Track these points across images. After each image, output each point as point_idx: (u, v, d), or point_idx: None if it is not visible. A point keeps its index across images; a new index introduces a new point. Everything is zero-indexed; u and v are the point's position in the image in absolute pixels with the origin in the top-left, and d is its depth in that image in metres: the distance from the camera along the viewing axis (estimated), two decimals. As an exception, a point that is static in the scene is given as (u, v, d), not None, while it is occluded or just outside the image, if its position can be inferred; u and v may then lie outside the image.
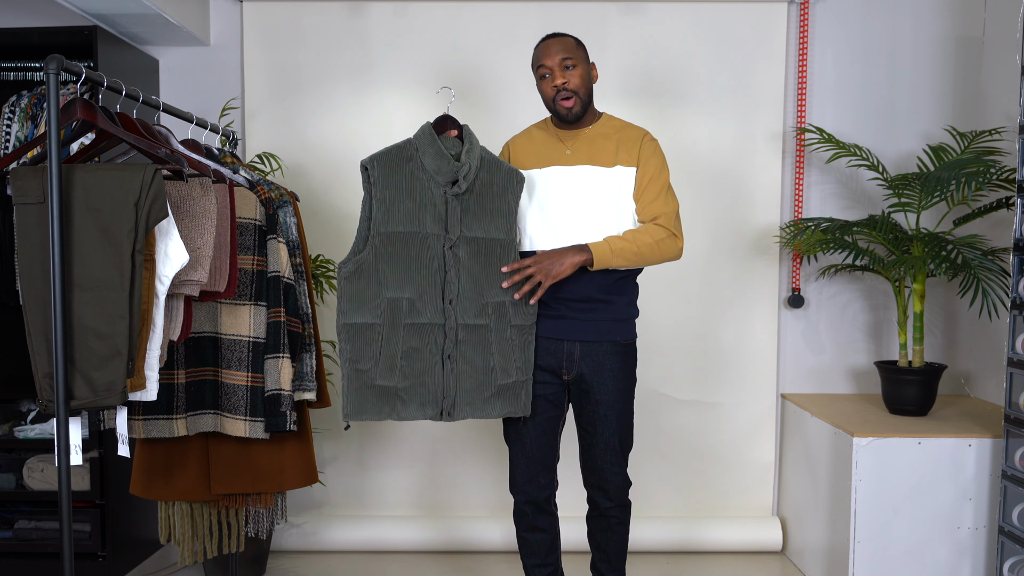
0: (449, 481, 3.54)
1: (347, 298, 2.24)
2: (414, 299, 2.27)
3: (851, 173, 3.47)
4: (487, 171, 2.32)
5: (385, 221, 2.25)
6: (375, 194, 2.25)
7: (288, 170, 3.41)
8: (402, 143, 2.30)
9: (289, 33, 3.43)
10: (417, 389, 2.29)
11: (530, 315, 2.37)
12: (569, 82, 2.35)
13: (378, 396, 2.27)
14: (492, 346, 2.32)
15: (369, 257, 2.24)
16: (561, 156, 2.41)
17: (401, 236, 2.26)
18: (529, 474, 2.46)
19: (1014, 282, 2.56)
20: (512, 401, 2.36)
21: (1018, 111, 2.54)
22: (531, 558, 2.54)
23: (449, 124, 2.36)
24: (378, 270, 2.25)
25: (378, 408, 2.28)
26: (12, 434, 3.01)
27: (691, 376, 3.51)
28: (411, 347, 2.27)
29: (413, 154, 2.28)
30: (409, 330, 2.27)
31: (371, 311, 2.25)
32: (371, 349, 2.25)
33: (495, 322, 2.32)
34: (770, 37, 3.43)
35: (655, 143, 2.43)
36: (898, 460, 2.77)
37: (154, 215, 1.92)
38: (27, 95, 2.95)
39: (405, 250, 2.26)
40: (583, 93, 2.37)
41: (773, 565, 3.36)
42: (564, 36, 2.40)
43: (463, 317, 2.29)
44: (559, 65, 2.35)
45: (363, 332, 2.25)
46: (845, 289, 3.53)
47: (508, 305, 2.33)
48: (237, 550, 2.61)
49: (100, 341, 1.90)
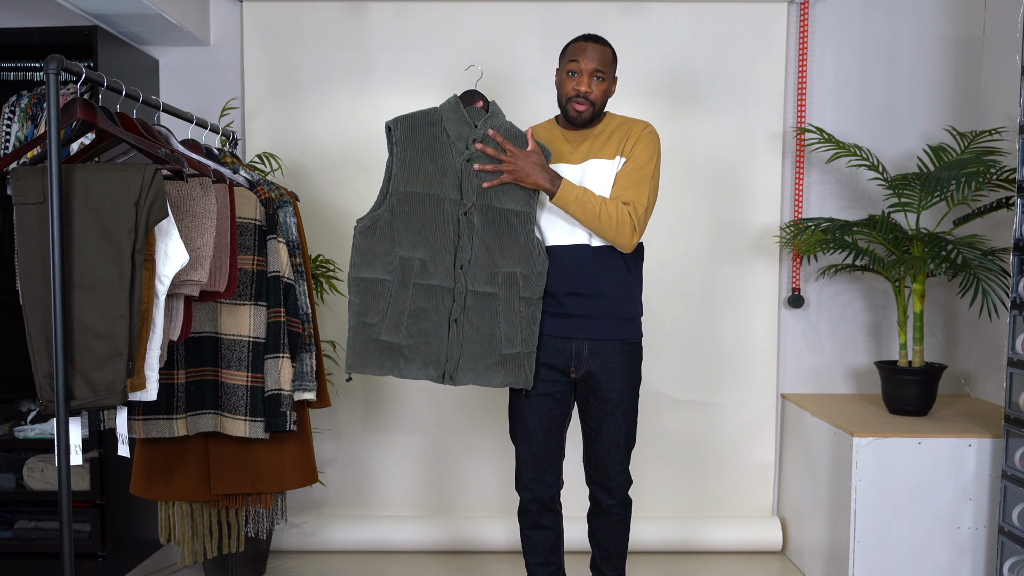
0: (449, 481, 3.54)
1: (360, 252, 2.27)
2: (426, 260, 2.29)
3: (851, 173, 3.47)
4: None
5: (405, 180, 2.28)
6: (396, 153, 2.28)
7: (288, 170, 3.41)
8: (428, 109, 2.34)
9: (289, 33, 3.43)
10: (421, 348, 2.30)
11: (539, 288, 2.37)
12: (592, 92, 2.36)
13: (381, 351, 2.29)
14: (499, 315, 2.33)
15: (386, 214, 2.27)
16: (567, 155, 2.42)
17: (419, 196, 2.28)
18: (535, 471, 2.47)
19: (1014, 282, 2.56)
20: (515, 371, 2.37)
21: (1018, 111, 2.54)
22: (534, 556, 2.54)
23: (476, 97, 2.38)
24: (393, 227, 2.27)
25: (380, 362, 2.30)
26: (12, 434, 3.00)
27: (691, 376, 3.51)
28: (419, 306, 2.29)
29: (437, 119, 2.32)
30: (418, 290, 2.29)
31: (382, 267, 2.28)
32: (379, 304, 2.28)
33: (504, 291, 2.33)
34: (770, 37, 3.43)
35: (652, 135, 2.43)
36: (898, 460, 2.77)
37: (154, 215, 1.92)
38: (27, 95, 2.95)
39: (421, 210, 2.29)
40: (599, 106, 2.39)
41: (773, 565, 3.36)
42: (605, 46, 2.38)
43: (473, 283, 2.31)
44: (590, 73, 2.35)
45: (373, 287, 2.27)
46: (845, 289, 3.53)
47: (519, 276, 2.34)
48: (237, 550, 2.61)
49: (100, 341, 1.90)
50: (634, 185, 2.36)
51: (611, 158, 2.39)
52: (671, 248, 3.44)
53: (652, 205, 2.40)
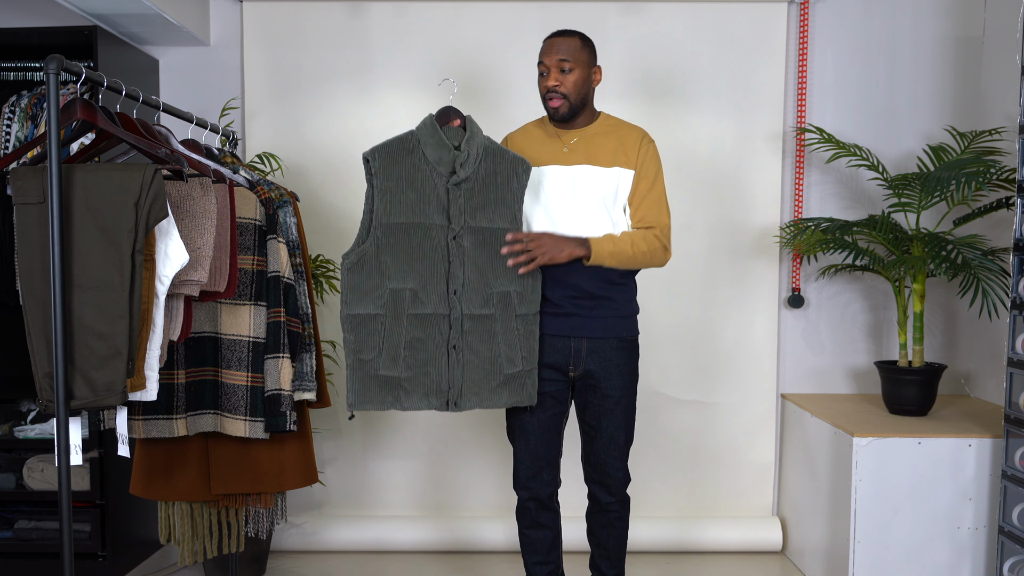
0: (449, 480, 3.54)
1: (350, 289, 2.26)
2: (417, 289, 2.28)
3: (851, 173, 3.47)
4: (490, 160, 2.32)
5: (387, 212, 2.26)
6: (376, 185, 2.26)
7: (288, 170, 3.41)
8: (404, 135, 2.31)
9: (289, 33, 3.43)
10: (420, 379, 2.30)
11: (534, 304, 2.37)
12: (562, 85, 2.35)
13: (381, 386, 2.28)
14: (498, 336, 2.32)
15: (371, 248, 2.26)
16: (559, 155, 2.41)
17: (403, 227, 2.27)
18: (533, 470, 2.47)
19: (1014, 282, 2.56)
20: (518, 391, 2.37)
21: (1018, 111, 2.54)
22: (533, 555, 2.55)
23: (452, 115, 2.36)
24: (380, 261, 2.26)
25: (381, 398, 2.29)
26: (12, 434, 3.00)
27: (691, 376, 3.51)
28: (414, 337, 2.28)
29: (415, 145, 2.29)
30: (412, 320, 2.28)
31: (373, 302, 2.26)
32: (374, 339, 2.27)
33: (500, 312, 2.32)
34: (770, 37, 3.43)
35: (653, 145, 2.45)
36: (898, 460, 2.77)
37: (154, 215, 1.92)
38: (27, 95, 2.95)
39: (407, 240, 2.27)
40: (574, 97, 2.37)
41: (773, 565, 3.36)
42: (571, 36, 2.38)
43: (468, 307, 2.30)
44: (556, 66, 2.35)
45: (366, 323, 2.26)
46: (845, 289, 3.53)
47: (513, 295, 2.33)
48: (237, 550, 2.61)
49: (100, 341, 1.90)
50: (654, 206, 2.40)
51: (607, 166, 2.39)
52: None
53: (670, 216, 2.45)
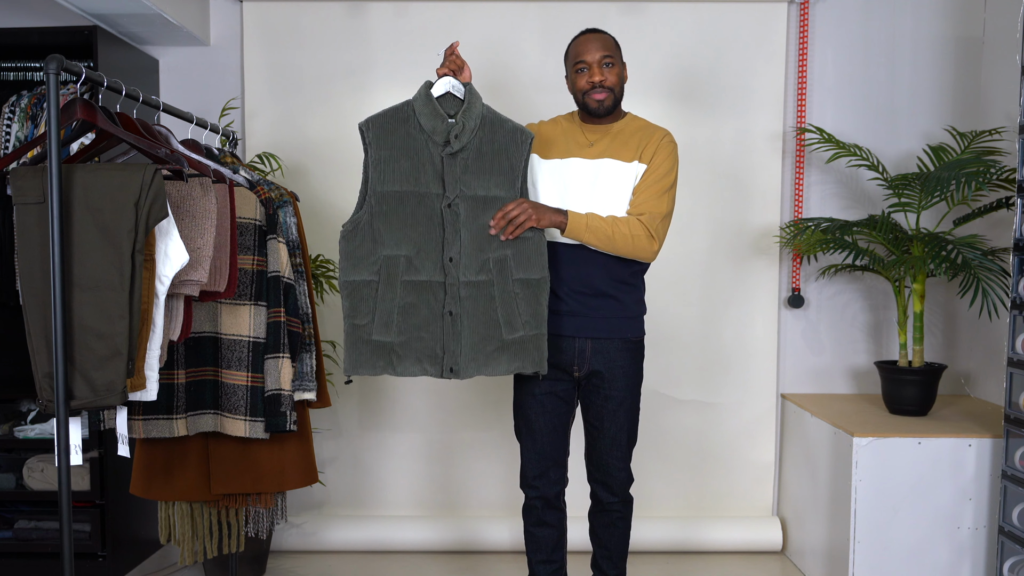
0: (451, 480, 3.54)
1: (345, 256, 2.28)
2: (411, 256, 2.29)
3: (851, 173, 3.47)
4: (488, 129, 2.32)
5: (380, 181, 2.28)
6: (371, 154, 2.28)
7: (288, 170, 3.41)
8: (399, 104, 2.32)
9: (289, 33, 3.43)
10: (413, 344, 2.30)
11: (537, 269, 2.34)
12: (607, 79, 2.38)
13: (373, 351, 2.29)
14: (495, 300, 2.31)
15: (365, 216, 2.28)
16: (583, 149, 2.42)
17: (396, 195, 2.28)
18: (540, 469, 2.48)
19: (1014, 282, 2.56)
20: (520, 356, 2.34)
21: (1018, 111, 2.54)
22: (537, 554, 2.55)
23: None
24: (373, 228, 2.27)
25: (373, 362, 2.30)
26: (12, 434, 3.00)
27: (691, 376, 3.51)
28: (407, 303, 2.29)
29: (410, 115, 2.30)
30: (406, 287, 2.29)
31: (367, 268, 2.28)
32: (367, 305, 2.28)
33: (498, 276, 2.31)
34: (770, 37, 3.43)
35: (673, 145, 2.45)
36: (898, 460, 2.77)
37: (154, 215, 1.92)
38: (27, 95, 2.95)
39: (400, 208, 2.28)
40: (618, 91, 2.42)
41: (773, 565, 3.36)
42: (604, 33, 2.42)
43: (465, 274, 2.30)
44: (599, 62, 2.37)
45: (360, 289, 2.28)
46: (845, 289, 3.53)
47: (510, 259, 2.32)
48: (237, 550, 2.61)
49: (100, 341, 1.90)
50: (653, 196, 2.38)
51: (628, 161, 2.40)
52: (671, 248, 3.40)
53: (670, 213, 2.42)
